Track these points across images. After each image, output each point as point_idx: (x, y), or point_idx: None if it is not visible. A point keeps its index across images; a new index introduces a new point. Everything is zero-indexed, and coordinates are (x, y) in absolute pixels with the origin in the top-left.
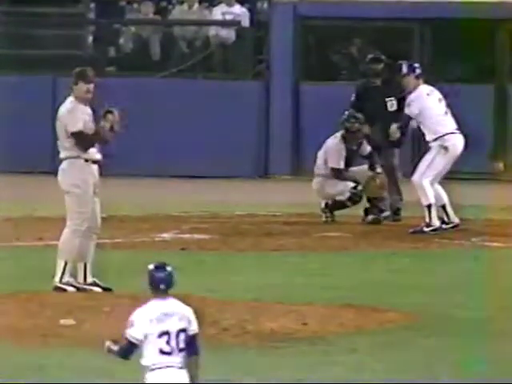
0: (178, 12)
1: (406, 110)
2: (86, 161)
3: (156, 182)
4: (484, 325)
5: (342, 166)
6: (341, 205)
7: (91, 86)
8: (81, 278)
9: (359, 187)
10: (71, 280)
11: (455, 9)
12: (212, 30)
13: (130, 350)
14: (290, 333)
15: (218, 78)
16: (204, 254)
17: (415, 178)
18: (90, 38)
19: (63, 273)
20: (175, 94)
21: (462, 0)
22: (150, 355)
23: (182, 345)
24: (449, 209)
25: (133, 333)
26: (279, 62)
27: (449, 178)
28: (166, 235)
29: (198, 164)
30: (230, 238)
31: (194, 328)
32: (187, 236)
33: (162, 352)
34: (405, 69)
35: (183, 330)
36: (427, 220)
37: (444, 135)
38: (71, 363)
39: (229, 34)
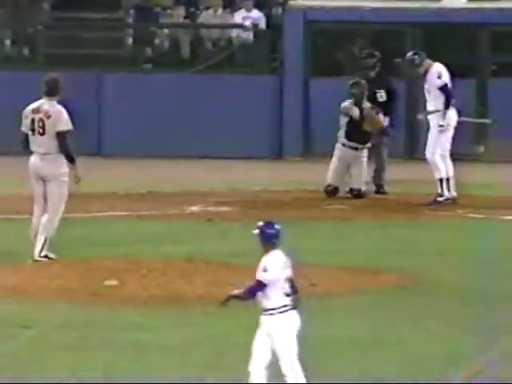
0: (204, 16)
1: (442, 80)
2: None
3: (185, 162)
4: (466, 285)
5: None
6: None
7: None
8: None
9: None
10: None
11: (443, 14)
12: (234, 32)
13: (259, 289)
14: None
15: (238, 73)
16: (227, 224)
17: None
18: (130, 40)
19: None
20: (202, 87)
21: (448, 7)
22: (276, 298)
23: (289, 288)
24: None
25: (266, 276)
26: (291, 59)
27: None
28: (194, 208)
29: (221, 147)
30: (249, 210)
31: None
32: (212, 209)
33: (287, 294)
34: (418, 59)
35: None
36: (439, 191)
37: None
38: (114, 319)
39: (248, 36)
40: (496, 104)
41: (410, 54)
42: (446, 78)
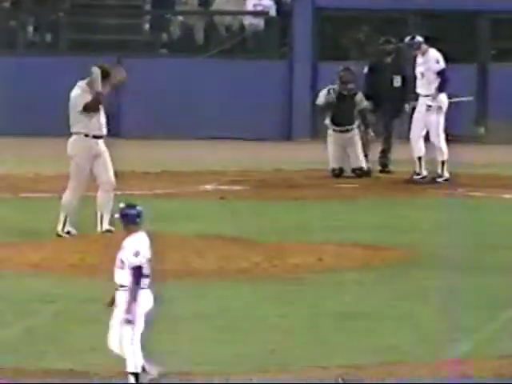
0: (217, 3)
1: (440, 65)
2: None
3: (199, 142)
4: (466, 260)
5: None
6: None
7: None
8: (98, 226)
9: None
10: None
11: (443, 1)
12: (246, 19)
13: (140, 274)
14: (309, 267)
15: (250, 58)
16: (239, 202)
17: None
18: (147, 26)
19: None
20: (216, 71)
21: None
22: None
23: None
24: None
25: (142, 259)
26: (300, 45)
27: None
28: (208, 187)
29: (233, 128)
30: (260, 189)
31: None
32: (225, 187)
33: (146, 275)
34: (415, 44)
35: None
36: (439, 172)
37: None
38: None
39: (259, 22)
40: (496, 87)
41: (407, 38)
42: (443, 63)
